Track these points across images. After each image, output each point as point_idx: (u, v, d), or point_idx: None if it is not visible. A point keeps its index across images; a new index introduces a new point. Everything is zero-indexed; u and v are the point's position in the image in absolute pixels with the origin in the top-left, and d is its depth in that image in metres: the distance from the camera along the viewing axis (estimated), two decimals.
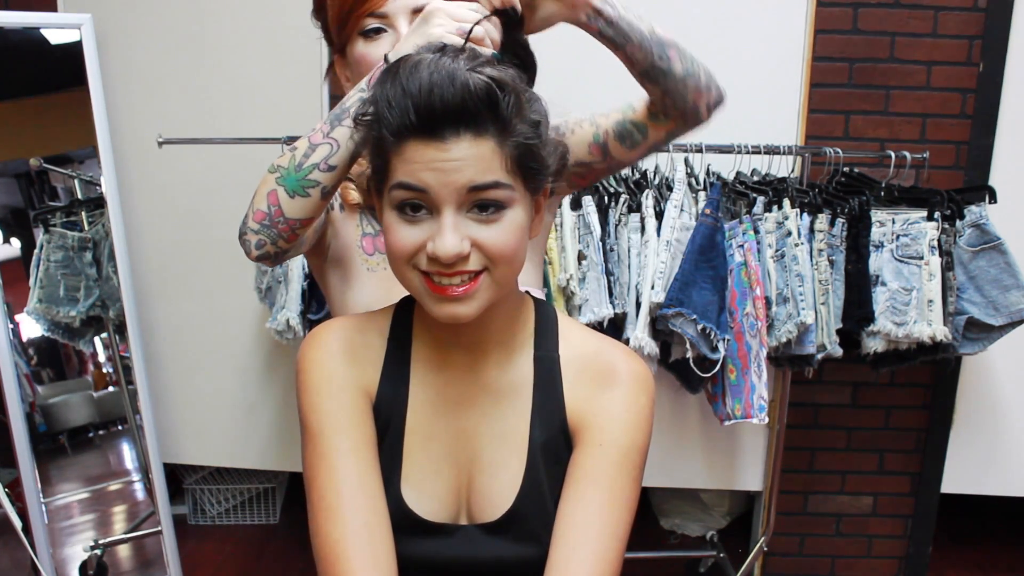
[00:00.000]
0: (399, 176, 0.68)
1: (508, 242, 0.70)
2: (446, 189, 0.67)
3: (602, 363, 0.80)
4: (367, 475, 0.76)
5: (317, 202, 0.86)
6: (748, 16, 2.05)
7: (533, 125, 0.70)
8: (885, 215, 1.85)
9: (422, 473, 0.80)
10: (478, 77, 0.66)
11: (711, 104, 1.00)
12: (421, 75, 0.66)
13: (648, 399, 0.80)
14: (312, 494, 0.76)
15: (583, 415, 0.79)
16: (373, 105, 0.70)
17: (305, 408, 0.79)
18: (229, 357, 2.36)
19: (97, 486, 2.37)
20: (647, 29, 0.92)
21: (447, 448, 0.81)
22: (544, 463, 0.79)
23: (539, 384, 0.81)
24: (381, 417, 0.80)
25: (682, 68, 0.94)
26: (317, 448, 0.77)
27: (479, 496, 0.80)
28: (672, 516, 2.68)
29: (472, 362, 0.81)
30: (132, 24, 2.16)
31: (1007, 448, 2.24)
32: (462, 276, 0.70)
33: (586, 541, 0.74)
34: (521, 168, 0.70)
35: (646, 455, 0.80)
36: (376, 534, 0.74)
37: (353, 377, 0.80)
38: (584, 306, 1.82)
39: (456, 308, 0.71)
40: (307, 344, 0.81)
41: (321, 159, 0.84)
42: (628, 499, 0.78)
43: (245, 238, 0.89)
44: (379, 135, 0.69)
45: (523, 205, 0.72)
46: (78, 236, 2.23)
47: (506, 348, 0.81)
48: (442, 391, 0.81)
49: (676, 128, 1.03)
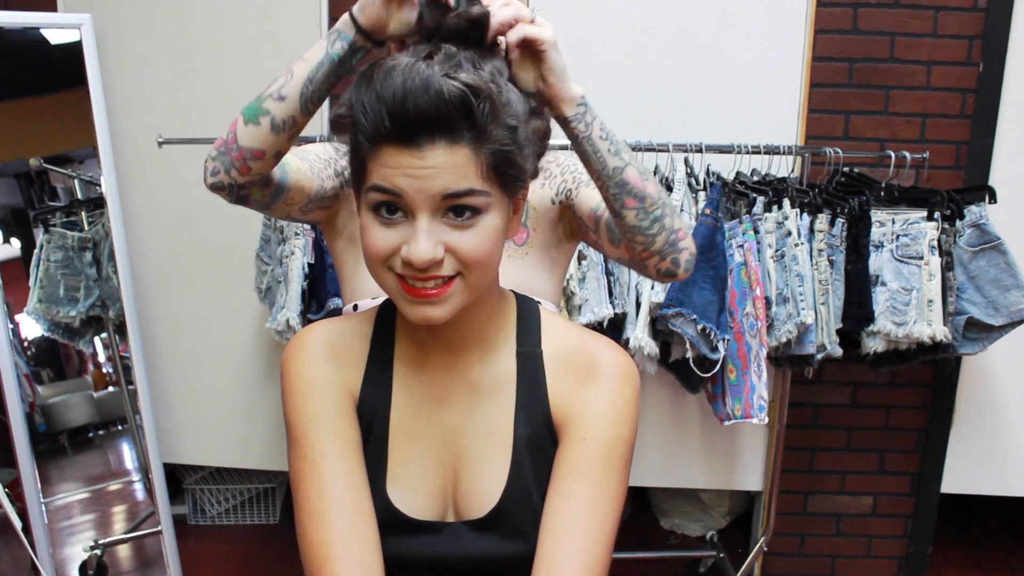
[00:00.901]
0: (375, 179, 0.68)
1: (482, 248, 0.70)
2: (420, 195, 0.67)
3: (585, 357, 0.81)
4: (352, 476, 0.77)
5: (267, 133, 0.87)
6: (748, 16, 2.05)
7: (510, 130, 0.68)
8: (885, 215, 1.85)
9: (408, 472, 0.80)
10: (452, 84, 0.64)
11: (660, 269, 0.99)
12: (395, 81, 0.65)
13: (632, 392, 0.80)
14: (298, 496, 0.77)
15: (567, 409, 0.79)
16: (349, 109, 0.69)
17: (289, 411, 0.79)
18: (229, 357, 2.36)
19: (97, 486, 2.37)
20: (614, 165, 0.89)
21: (432, 446, 0.81)
22: (529, 458, 0.79)
23: (522, 379, 0.81)
24: (365, 418, 0.81)
25: (635, 221, 0.93)
26: (302, 451, 0.77)
27: (465, 493, 0.80)
28: (672, 516, 2.68)
29: (454, 360, 0.81)
30: (132, 24, 2.16)
31: (1007, 448, 2.24)
32: (436, 280, 0.70)
33: (574, 536, 0.74)
34: (498, 174, 0.69)
35: (632, 448, 0.80)
36: (362, 535, 0.74)
37: (336, 379, 0.80)
38: (584, 306, 1.82)
39: (429, 310, 0.71)
40: (290, 348, 0.81)
41: (276, 88, 0.86)
42: (615, 493, 0.77)
43: (205, 164, 0.91)
44: (355, 139, 0.69)
45: (499, 209, 0.71)
46: (78, 236, 2.23)
47: (487, 345, 0.81)
48: (425, 390, 0.82)
49: (628, 260, 1.02)
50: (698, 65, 2.07)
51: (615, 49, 2.07)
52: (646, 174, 0.91)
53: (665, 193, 0.94)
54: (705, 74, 2.08)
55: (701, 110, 2.09)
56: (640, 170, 0.91)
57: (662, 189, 0.94)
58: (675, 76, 2.08)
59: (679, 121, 2.07)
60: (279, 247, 1.94)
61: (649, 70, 2.08)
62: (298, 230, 1.88)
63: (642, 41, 2.06)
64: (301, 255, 1.87)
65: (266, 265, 2.03)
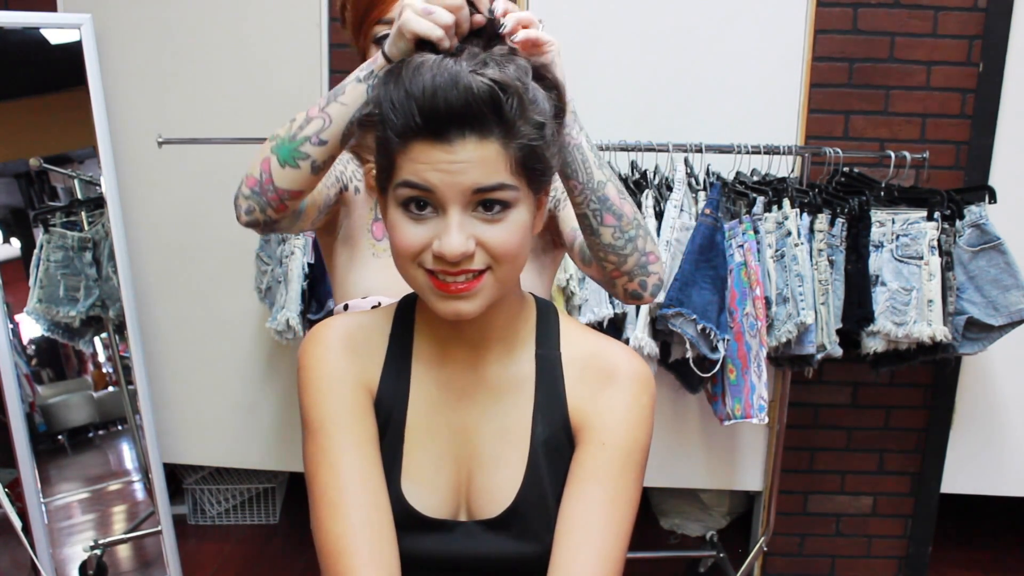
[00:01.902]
0: (405, 175, 0.69)
1: (512, 241, 0.71)
2: (452, 190, 0.67)
3: (604, 362, 0.81)
4: (369, 470, 0.77)
5: (307, 175, 0.87)
6: (748, 16, 2.05)
7: (537, 127, 0.70)
8: (885, 215, 1.85)
9: (422, 469, 0.80)
10: (480, 80, 0.65)
11: (628, 290, 0.99)
12: (424, 77, 0.66)
13: (649, 398, 0.81)
14: (314, 490, 0.76)
15: (585, 413, 0.80)
16: (377, 106, 0.70)
17: (306, 404, 0.79)
18: (229, 357, 2.36)
19: (97, 486, 2.37)
20: (599, 179, 0.89)
21: (448, 444, 0.81)
22: (546, 460, 0.79)
23: (541, 381, 0.81)
24: (382, 413, 0.81)
25: (611, 240, 0.93)
26: (318, 444, 0.77)
27: (479, 492, 0.80)
28: (672, 516, 2.68)
29: (474, 358, 0.81)
30: (132, 24, 2.16)
31: (1007, 448, 2.24)
32: (466, 274, 0.70)
33: (589, 540, 0.75)
34: (525, 169, 0.70)
35: (647, 454, 0.81)
36: (379, 529, 0.74)
37: (354, 373, 0.80)
38: (584, 306, 1.82)
39: (460, 305, 0.71)
40: (308, 341, 0.81)
41: (313, 132, 0.84)
42: (631, 498, 0.78)
43: (237, 203, 0.90)
44: (384, 136, 0.69)
45: (527, 204, 0.72)
46: (78, 236, 2.23)
47: (507, 345, 0.82)
48: (443, 387, 0.82)
49: (598, 279, 1.03)
50: (698, 65, 2.08)
51: (615, 49, 2.06)
52: (623, 192, 0.93)
53: (640, 214, 0.95)
54: (705, 74, 2.08)
55: (701, 110, 2.09)
56: (618, 188, 0.92)
57: (636, 209, 0.95)
58: (675, 76, 2.08)
59: (679, 121, 2.07)
60: (279, 247, 1.94)
61: (649, 70, 2.08)
62: None
63: (642, 41, 2.06)
64: (301, 255, 1.87)
65: (266, 265, 2.03)
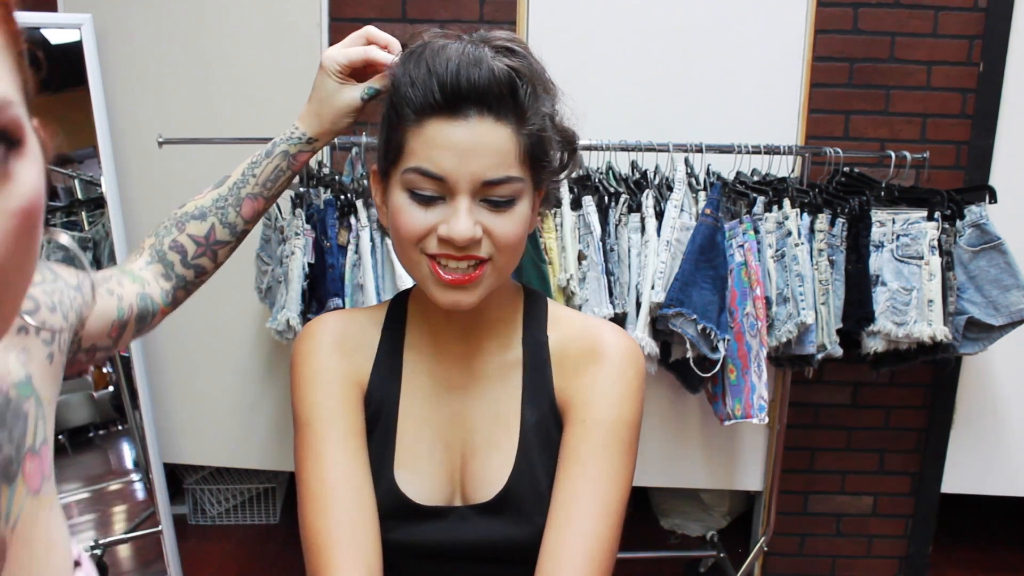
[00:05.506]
0: (417, 160, 0.69)
1: (515, 232, 0.72)
2: (463, 179, 0.68)
3: (589, 341, 0.81)
4: (354, 465, 0.77)
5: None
6: (748, 16, 2.05)
7: (546, 118, 0.72)
8: (885, 215, 1.85)
9: (415, 457, 0.81)
10: (501, 64, 0.68)
11: None
12: (449, 55, 0.68)
13: (636, 374, 0.80)
14: (300, 484, 0.78)
15: (570, 393, 0.80)
16: (393, 84, 0.71)
17: (296, 400, 0.80)
18: (229, 357, 2.36)
19: (97, 486, 2.36)
20: None
21: (440, 432, 0.82)
22: (536, 444, 0.80)
23: (528, 366, 0.82)
24: (373, 404, 0.81)
25: None
26: (305, 438, 0.78)
27: (472, 477, 0.81)
28: (672, 516, 2.68)
29: (465, 348, 0.82)
30: (132, 24, 2.16)
31: (1007, 448, 2.24)
32: (469, 262, 0.71)
33: (575, 520, 0.74)
34: (532, 159, 0.72)
35: (637, 430, 0.79)
36: (360, 525, 0.75)
37: (344, 369, 0.81)
38: (584, 306, 1.82)
39: (459, 296, 0.72)
40: (299, 338, 0.83)
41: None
42: (618, 475, 0.76)
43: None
44: (397, 114, 0.70)
45: (528, 199, 0.74)
46: (78, 236, 2.23)
47: (498, 333, 0.83)
48: (435, 377, 0.83)
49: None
50: (698, 65, 2.08)
51: (615, 49, 2.07)
52: None
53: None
54: (705, 74, 2.08)
55: (701, 110, 2.09)
56: None
57: None
58: (675, 76, 2.08)
59: (679, 121, 2.07)
60: (279, 247, 1.94)
61: (649, 70, 2.08)
62: (298, 230, 1.88)
63: (642, 41, 2.06)
64: (301, 255, 1.86)
65: (266, 265, 2.03)
